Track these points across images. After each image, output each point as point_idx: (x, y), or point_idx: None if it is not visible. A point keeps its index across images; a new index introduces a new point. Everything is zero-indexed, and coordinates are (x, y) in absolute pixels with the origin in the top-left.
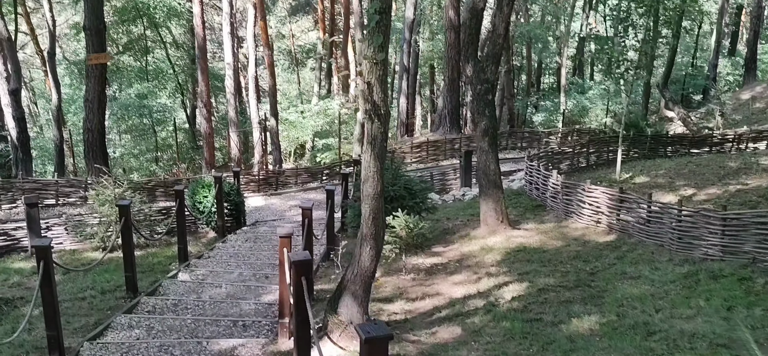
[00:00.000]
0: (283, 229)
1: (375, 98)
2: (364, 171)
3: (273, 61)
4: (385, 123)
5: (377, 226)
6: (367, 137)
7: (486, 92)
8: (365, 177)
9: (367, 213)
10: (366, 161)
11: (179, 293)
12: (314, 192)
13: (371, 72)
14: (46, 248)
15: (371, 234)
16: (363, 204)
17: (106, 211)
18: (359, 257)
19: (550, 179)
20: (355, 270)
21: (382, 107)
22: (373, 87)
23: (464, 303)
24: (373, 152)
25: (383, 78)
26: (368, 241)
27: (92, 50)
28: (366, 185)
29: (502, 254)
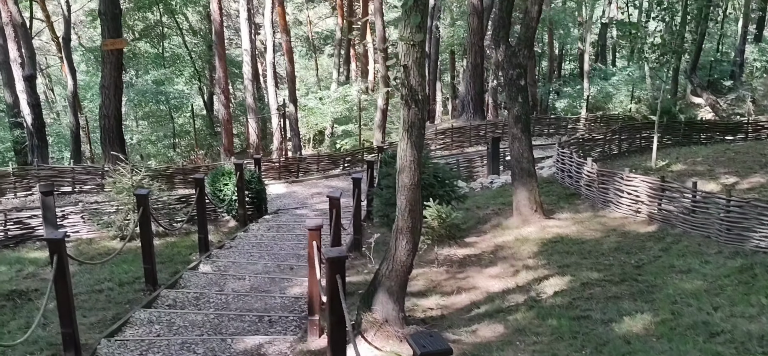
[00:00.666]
0: (312, 221)
1: (412, 82)
2: (400, 160)
3: (291, 47)
4: (422, 109)
5: (414, 218)
6: (404, 124)
7: (518, 76)
8: (401, 166)
9: (403, 204)
10: (402, 150)
11: (200, 285)
12: (336, 180)
13: (408, 54)
14: (60, 242)
15: (408, 227)
16: (399, 195)
17: (123, 199)
18: (395, 251)
19: (585, 166)
20: (390, 264)
21: (420, 91)
22: (410, 70)
23: (503, 298)
24: (410, 139)
25: (421, 61)
26: (404, 234)
27: (108, 36)
28: (402, 175)
29: (539, 245)
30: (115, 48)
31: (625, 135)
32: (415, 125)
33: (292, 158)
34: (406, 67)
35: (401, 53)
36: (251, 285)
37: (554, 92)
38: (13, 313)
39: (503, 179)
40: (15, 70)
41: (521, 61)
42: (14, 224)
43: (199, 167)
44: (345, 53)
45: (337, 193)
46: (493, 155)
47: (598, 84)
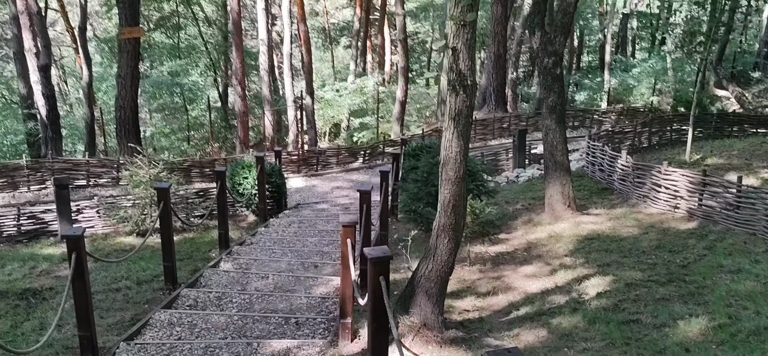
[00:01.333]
0: (346, 216)
1: (461, 66)
2: (445, 152)
3: (309, 37)
4: (471, 96)
5: (458, 215)
6: (450, 112)
7: (554, 65)
8: (446, 158)
9: (446, 200)
10: (447, 140)
11: (222, 284)
12: (357, 173)
13: (457, 35)
14: (79, 239)
15: (450, 225)
16: (442, 189)
17: (140, 193)
18: (435, 250)
19: (619, 160)
20: (429, 265)
21: (469, 76)
22: (460, 53)
23: (543, 299)
24: (457, 129)
25: (471, 43)
26: (446, 232)
27: (125, 24)
28: (446, 168)
29: (574, 242)
30: (133, 37)
31: (655, 128)
32: (463, 114)
33: (312, 151)
34: (455, 50)
35: (450, 35)
36: (275, 283)
37: (573, 84)
38: (27, 313)
39: (529, 173)
40: (30, 61)
41: (557, 48)
42: (28, 219)
43: (217, 160)
44: (362, 45)
45: (369, 187)
46: (519, 148)
47: (619, 76)
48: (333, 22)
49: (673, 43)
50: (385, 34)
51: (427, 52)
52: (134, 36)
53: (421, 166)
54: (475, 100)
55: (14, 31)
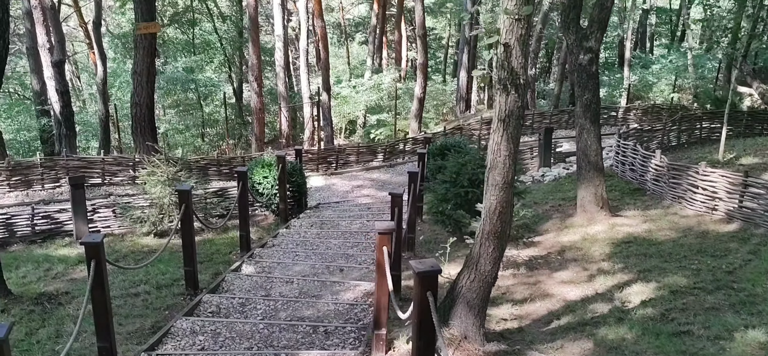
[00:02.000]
0: (382, 223)
1: (514, 63)
2: (492, 155)
3: (326, 33)
4: (522, 96)
5: (504, 223)
6: (499, 113)
7: (590, 62)
8: (493, 162)
9: (492, 206)
10: (495, 143)
11: (245, 289)
12: (377, 172)
13: (511, 30)
14: (98, 246)
15: (495, 232)
16: (487, 195)
17: (158, 192)
18: (478, 259)
19: (653, 160)
20: (471, 274)
21: (522, 74)
22: (512, 50)
23: (584, 307)
24: (506, 131)
25: (525, 38)
26: (491, 240)
27: (141, 19)
28: (493, 173)
29: (610, 245)
30: (149, 32)
31: (684, 126)
32: (513, 115)
33: (331, 149)
34: (508, 46)
35: (502, 29)
36: (300, 288)
37: None
38: (42, 320)
39: (555, 172)
40: (43, 56)
41: (593, 45)
42: (42, 219)
43: (234, 158)
44: (377, 41)
45: (401, 191)
46: (545, 147)
47: (638, 72)
48: (348, 18)
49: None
50: (401, 29)
51: (442, 49)
52: (150, 31)
53: (449, 166)
54: (525, 100)
55: (27, 26)
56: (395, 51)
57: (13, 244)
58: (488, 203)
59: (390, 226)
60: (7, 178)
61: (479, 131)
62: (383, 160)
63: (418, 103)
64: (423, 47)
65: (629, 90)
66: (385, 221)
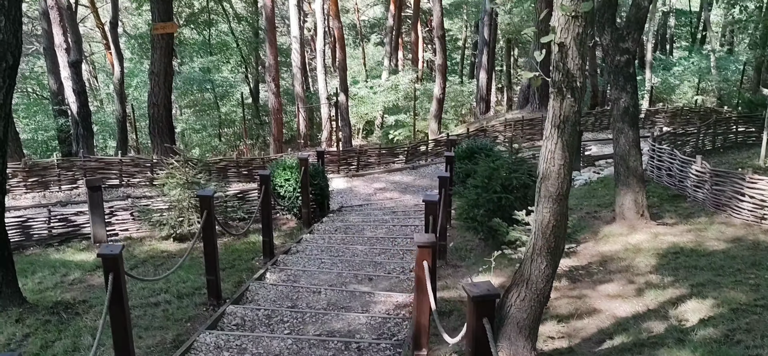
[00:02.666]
0: (422, 236)
1: (570, 64)
2: (545, 164)
3: (343, 33)
4: (579, 100)
5: (558, 237)
6: (553, 119)
7: (627, 63)
8: (546, 172)
9: (545, 219)
10: (548, 151)
11: (270, 299)
12: (399, 174)
13: (567, 29)
14: (117, 259)
15: (548, 248)
16: (540, 207)
17: (177, 195)
18: (529, 276)
19: (693, 165)
20: (522, 292)
21: (579, 77)
22: (569, 49)
23: (637, 325)
24: (561, 138)
25: (583, 38)
26: (543, 256)
27: (158, 19)
28: (547, 183)
29: (656, 256)
30: (166, 32)
31: (719, 129)
32: (569, 120)
33: (352, 151)
34: (563, 46)
35: (558, 28)
36: (328, 299)
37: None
38: (58, 331)
39: (585, 177)
40: (60, 56)
41: (630, 45)
42: (59, 221)
43: (254, 160)
44: (394, 41)
45: (436, 197)
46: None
47: (660, 75)
48: (363, 19)
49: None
50: (418, 30)
51: (458, 50)
52: (167, 31)
53: (481, 170)
54: (582, 104)
55: (44, 26)
56: (412, 52)
57: (29, 247)
58: (540, 217)
59: (430, 239)
60: (24, 179)
61: (503, 133)
62: (405, 162)
63: (438, 104)
64: (442, 48)
65: (652, 92)
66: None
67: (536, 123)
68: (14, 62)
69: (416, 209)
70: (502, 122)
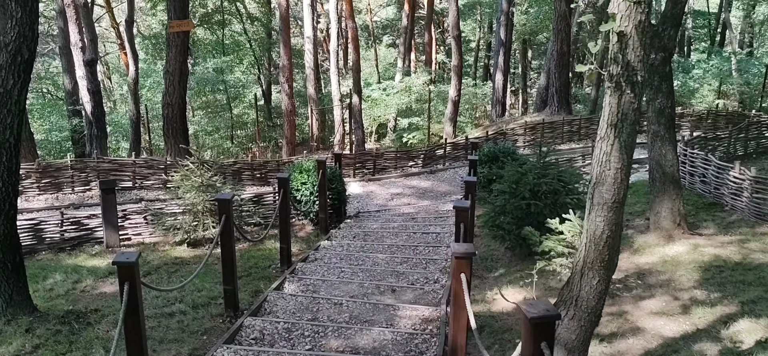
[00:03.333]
0: (459, 246)
1: (631, 55)
2: (599, 168)
3: (357, 34)
4: (639, 97)
5: (612, 250)
6: (609, 116)
7: (663, 62)
8: (600, 176)
9: (599, 229)
10: (603, 153)
11: (289, 311)
12: (416, 178)
13: (628, 16)
14: (133, 267)
15: (602, 261)
16: (591, 216)
17: (191, 199)
18: (578, 293)
19: (731, 171)
20: (570, 311)
21: (640, 70)
22: (629, 39)
23: (687, 347)
24: (618, 139)
25: (645, 27)
26: (595, 270)
27: (173, 16)
28: (601, 189)
29: (698, 270)
30: (181, 30)
31: (752, 133)
32: (628, 119)
33: (369, 153)
34: (623, 35)
35: (618, 14)
36: (350, 312)
37: None
38: (68, 343)
39: None
40: (75, 55)
41: (666, 42)
42: (71, 225)
43: (268, 162)
44: (407, 43)
45: (467, 204)
46: None
47: (680, 78)
48: (375, 20)
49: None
50: (431, 31)
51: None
52: (183, 29)
53: (508, 175)
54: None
55: (60, 25)
56: (426, 53)
57: (41, 252)
58: (593, 226)
59: (468, 249)
60: (37, 180)
61: (523, 137)
62: (422, 166)
63: (453, 106)
64: (457, 49)
65: None
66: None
67: (557, 126)
68: (30, 57)
69: (437, 216)
70: (521, 125)
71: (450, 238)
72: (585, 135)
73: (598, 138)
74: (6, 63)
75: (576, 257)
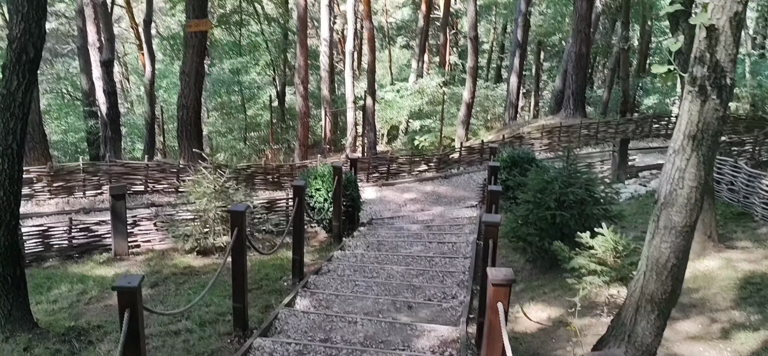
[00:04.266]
0: (496, 271)
1: (720, 54)
2: (669, 185)
3: (373, 35)
4: (725, 103)
5: (675, 280)
6: (687, 125)
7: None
8: (671, 196)
9: (663, 257)
10: (677, 168)
11: (301, 331)
12: (430, 183)
13: (722, 8)
14: (134, 293)
15: (663, 294)
16: (654, 241)
17: (203, 205)
18: (632, 328)
19: (764, 179)
20: (621, 346)
21: (729, 72)
22: (721, 35)
23: None
24: (697, 152)
25: (741, 20)
26: (654, 303)
27: (192, 16)
28: (670, 210)
29: (734, 287)
30: (200, 30)
31: None
32: (710, 130)
33: (383, 158)
34: (714, 30)
35: (710, 6)
36: (365, 332)
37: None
38: None
39: (632, 189)
40: (93, 55)
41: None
42: (80, 231)
43: (282, 166)
44: (422, 44)
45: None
46: (620, 160)
47: None
48: (390, 21)
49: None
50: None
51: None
52: (201, 29)
53: (532, 183)
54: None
55: (79, 24)
56: (440, 55)
57: (48, 259)
58: (656, 253)
59: (508, 276)
60: (48, 184)
61: (540, 140)
62: (436, 170)
63: (467, 109)
64: (473, 50)
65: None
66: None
67: (574, 130)
68: (36, 56)
69: (452, 223)
70: (538, 128)
71: (467, 248)
72: (602, 139)
73: (670, 151)
74: (10, 62)
75: (631, 287)
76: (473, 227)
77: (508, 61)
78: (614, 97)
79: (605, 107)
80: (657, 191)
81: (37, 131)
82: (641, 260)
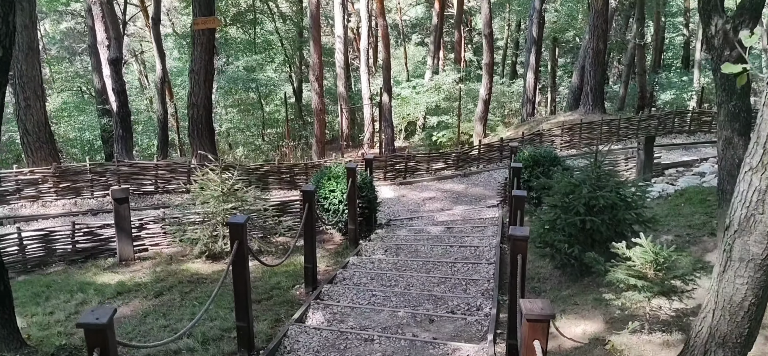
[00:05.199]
0: (533, 304)
1: None
2: (745, 210)
3: (387, 32)
4: None
5: (754, 321)
6: (757, 128)
7: (738, 59)
8: (746, 222)
9: (739, 294)
10: (755, 190)
11: (313, 350)
12: (449, 181)
13: None
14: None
15: (738, 336)
16: (728, 274)
17: (210, 208)
18: None
19: None
20: None
21: None
22: None
23: None
24: None
25: None
26: (727, 348)
27: (198, 13)
28: (747, 240)
29: None
30: (207, 28)
31: None
32: None
33: (400, 156)
34: None
35: None
36: (383, 351)
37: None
38: None
39: (659, 188)
40: (102, 54)
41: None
42: (84, 235)
43: (296, 165)
44: (437, 41)
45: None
46: (646, 158)
47: (708, 75)
48: (404, 18)
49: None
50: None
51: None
52: (208, 27)
53: (559, 186)
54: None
55: (89, 23)
56: (455, 52)
57: (51, 264)
58: (730, 290)
59: (545, 309)
60: (55, 185)
61: (560, 137)
62: (455, 168)
63: (483, 105)
64: (489, 46)
65: (702, 94)
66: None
67: (595, 127)
68: (4, 55)
69: (474, 225)
70: (558, 125)
71: (490, 252)
72: (624, 136)
73: (746, 169)
74: None
75: (696, 325)
76: (496, 229)
77: (523, 58)
78: (630, 92)
79: (622, 103)
80: (728, 216)
81: (44, 131)
82: (709, 295)
